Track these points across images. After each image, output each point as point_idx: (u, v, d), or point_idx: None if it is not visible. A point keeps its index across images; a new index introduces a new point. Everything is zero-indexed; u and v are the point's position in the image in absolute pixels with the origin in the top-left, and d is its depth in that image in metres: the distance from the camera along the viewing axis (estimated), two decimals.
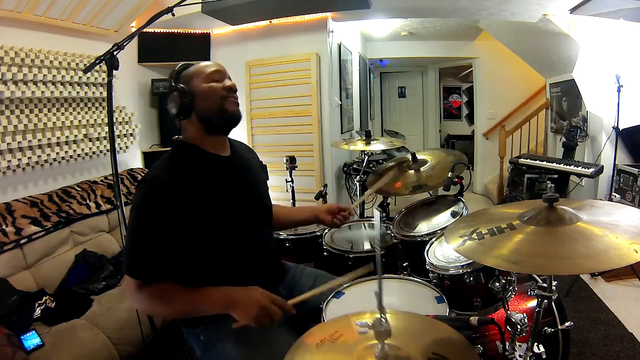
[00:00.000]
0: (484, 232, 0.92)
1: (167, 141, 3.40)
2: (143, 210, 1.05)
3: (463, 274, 1.23)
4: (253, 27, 3.43)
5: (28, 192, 2.25)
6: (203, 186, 1.11)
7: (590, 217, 0.86)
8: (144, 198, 1.05)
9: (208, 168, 1.15)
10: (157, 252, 1.04)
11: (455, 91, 7.17)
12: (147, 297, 1.05)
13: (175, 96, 1.13)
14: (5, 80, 2.04)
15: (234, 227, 1.15)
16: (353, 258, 1.70)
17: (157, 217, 1.03)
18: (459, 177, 1.79)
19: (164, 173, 1.09)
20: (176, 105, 1.13)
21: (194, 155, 1.15)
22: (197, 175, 1.11)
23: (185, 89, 1.12)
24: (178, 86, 1.13)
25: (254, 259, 1.22)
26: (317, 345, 0.81)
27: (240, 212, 1.18)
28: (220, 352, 1.12)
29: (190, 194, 1.07)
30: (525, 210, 0.95)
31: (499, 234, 0.89)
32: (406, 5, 3.20)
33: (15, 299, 1.79)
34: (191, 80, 1.15)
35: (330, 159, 3.44)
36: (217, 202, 1.12)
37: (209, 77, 1.15)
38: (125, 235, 1.11)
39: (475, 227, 0.96)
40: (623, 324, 2.15)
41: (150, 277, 1.04)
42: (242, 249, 1.18)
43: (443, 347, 0.79)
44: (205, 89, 1.14)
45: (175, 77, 1.16)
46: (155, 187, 1.05)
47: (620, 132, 2.94)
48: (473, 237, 0.92)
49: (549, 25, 3.04)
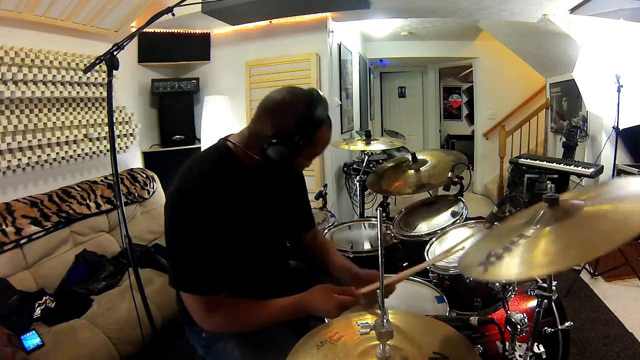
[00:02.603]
0: (500, 251, 0.84)
1: (167, 141, 3.40)
2: (191, 220, 0.97)
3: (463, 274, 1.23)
4: (253, 27, 3.43)
5: (28, 192, 2.25)
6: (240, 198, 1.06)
7: (592, 201, 0.84)
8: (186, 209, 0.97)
9: (246, 181, 1.09)
10: (212, 261, 0.99)
11: (455, 91, 7.17)
12: (221, 320, 1.01)
13: (285, 151, 0.98)
14: (5, 80, 2.04)
15: (261, 241, 1.15)
16: (353, 258, 1.70)
17: (204, 226, 0.98)
18: (459, 177, 1.79)
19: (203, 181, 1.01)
20: (279, 156, 0.99)
21: (236, 166, 1.08)
22: (236, 187, 1.05)
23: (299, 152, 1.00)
24: (301, 143, 0.98)
25: (269, 270, 1.23)
26: (317, 347, 0.81)
27: (270, 226, 1.17)
28: (222, 350, 1.12)
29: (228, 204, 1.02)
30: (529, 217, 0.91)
31: (515, 247, 0.81)
32: (406, 5, 3.20)
33: (15, 299, 1.79)
34: (311, 146, 1.03)
35: (330, 159, 3.44)
36: (250, 214, 1.09)
37: (317, 154, 1.09)
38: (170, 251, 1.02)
39: (488, 250, 0.87)
40: (623, 324, 2.15)
41: (215, 289, 1.00)
42: (263, 261, 1.18)
43: (443, 347, 0.79)
44: (304, 163, 1.09)
45: (305, 126, 0.99)
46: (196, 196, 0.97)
47: (620, 132, 2.94)
48: (491, 260, 0.83)
49: (549, 25, 3.03)
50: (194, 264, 0.99)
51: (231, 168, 1.07)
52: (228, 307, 1.02)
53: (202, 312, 1.00)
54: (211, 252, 0.99)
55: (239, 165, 1.08)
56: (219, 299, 1.01)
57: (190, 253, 0.99)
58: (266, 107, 1.05)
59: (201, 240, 0.98)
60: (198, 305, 1.00)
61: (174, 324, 1.95)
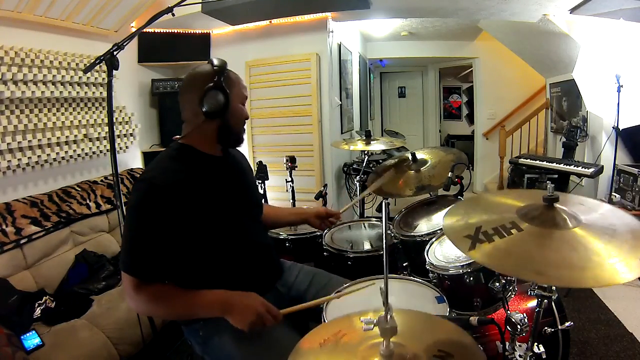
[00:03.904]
0: (491, 231, 0.84)
1: (167, 141, 3.40)
2: (142, 209, 1.05)
3: (463, 274, 1.23)
4: (253, 27, 3.43)
5: (28, 192, 2.25)
6: (200, 186, 1.12)
7: (589, 222, 0.83)
8: (143, 197, 1.05)
9: (204, 168, 1.17)
10: (155, 251, 1.04)
11: (455, 91, 7.17)
12: (145, 299, 1.05)
13: (217, 95, 1.11)
14: (5, 80, 2.04)
15: (228, 225, 1.17)
16: (353, 258, 1.71)
17: (156, 216, 1.03)
18: (459, 177, 1.79)
19: (163, 173, 1.10)
20: (214, 104, 1.11)
21: (192, 157, 1.16)
22: (194, 176, 1.13)
23: (228, 94, 1.12)
24: (224, 87, 1.12)
25: (250, 257, 1.23)
26: (320, 345, 0.81)
27: (234, 210, 1.21)
28: (219, 347, 1.12)
29: (189, 194, 1.08)
30: (524, 206, 0.90)
31: (507, 235, 0.82)
32: (406, 5, 3.20)
33: (15, 299, 1.79)
34: (233, 88, 1.15)
35: (330, 159, 3.44)
36: (212, 201, 1.14)
37: (243, 98, 1.21)
38: (123, 233, 1.10)
39: (478, 223, 0.88)
40: (623, 324, 2.15)
41: (148, 275, 1.05)
42: (237, 247, 1.19)
43: (448, 345, 0.78)
44: (240, 107, 1.19)
45: (222, 75, 1.13)
46: (154, 187, 1.05)
47: (620, 132, 2.94)
48: (481, 238, 0.83)
49: (549, 25, 3.04)
50: (137, 247, 1.04)
51: (191, 158, 1.16)
52: (154, 290, 1.05)
53: (129, 290, 1.05)
54: (159, 238, 1.04)
55: (197, 154, 1.17)
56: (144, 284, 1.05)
57: (136, 236, 1.04)
58: (184, 86, 1.17)
59: (149, 226, 1.03)
60: (128, 283, 1.04)
61: (173, 324, 1.94)
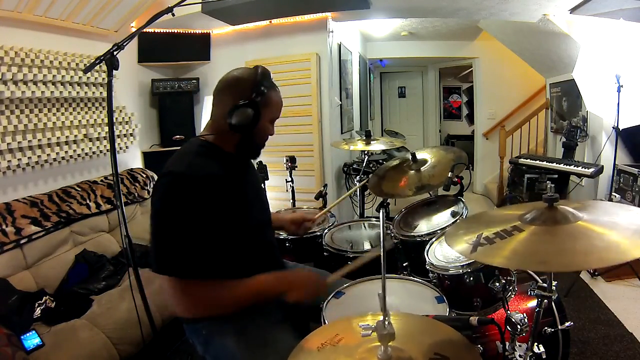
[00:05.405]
0: (492, 236, 0.88)
1: (167, 141, 3.40)
2: (173, 202, 1.01)
3: (463, 274, 1.23)
4: (253, 27, 3.43)
5: (28, 192, 2.25)
6: (229, 182, 1.13)
7: (591, 216, 0.86)
8: (172, 189, 1.02)
9: (231, 166, 1.17)
10: (195, 245, 1.01)
11: (455, 91, 7.17)
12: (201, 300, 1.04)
13: (248, 111, 1.09)
14: (5, 80, 2.04)
15: (250, 223, 1.19)
16: (353, 258, 1.70)
17: (189, 207, 1.01)
18: (459, 177, 1.79)
19: (191, 166, 1.07)
20: (243, 120, 1.09)
21: (219, 155, 1.16)
22: (223, 172, 1.13)
23: (260, 113, 1.11)
24: (258, 105, 1.10)
25: (262, 256, 1.25)
26: (318, 349, 0.81)
27: (255, 209, 1.23)
28: (221, 347, 1.12)
29: (219, 188, 1.08)
30: (526, 212, 0.94)
31: (509, 237, 0.85)
32: (406, 5, 3.20)
33: (15, 299, 1.79)
34: (267, 107, 1.14)
35: (330, 159, 3.44)
36: (239, 198, 1.15)
37: (274, 117, 1.20)
38: (153, 233, 1.04)
39: (479, 232, 0.92)
40: (623, 324, 2.15)
41: (194, 272, 1.01)
42: (253, 245, 1.21)
43: (444, 348, 0.79)
44: (266, 126, 1.18)
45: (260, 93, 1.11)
46: (185, 177, 1.03)
47: (620, 132, 2.94)
48: (483, 242, 0.87)
49: (549, 25, 3.03)
50: (178, 247, 1.01)
51: (218, 155, 1.15)
52: (204, 289, 1.04)
53: (177, 293, 1.03)
54: (197, 235, 1.02)
55: (222, 153, 1.17)
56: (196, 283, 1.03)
57: (176, 236, 1.01)
58: (222, 87, 1.16)
59: (186, 221, 1.01)
60: (173, 286, 1.03)
61: (173, 324, 1.95)
